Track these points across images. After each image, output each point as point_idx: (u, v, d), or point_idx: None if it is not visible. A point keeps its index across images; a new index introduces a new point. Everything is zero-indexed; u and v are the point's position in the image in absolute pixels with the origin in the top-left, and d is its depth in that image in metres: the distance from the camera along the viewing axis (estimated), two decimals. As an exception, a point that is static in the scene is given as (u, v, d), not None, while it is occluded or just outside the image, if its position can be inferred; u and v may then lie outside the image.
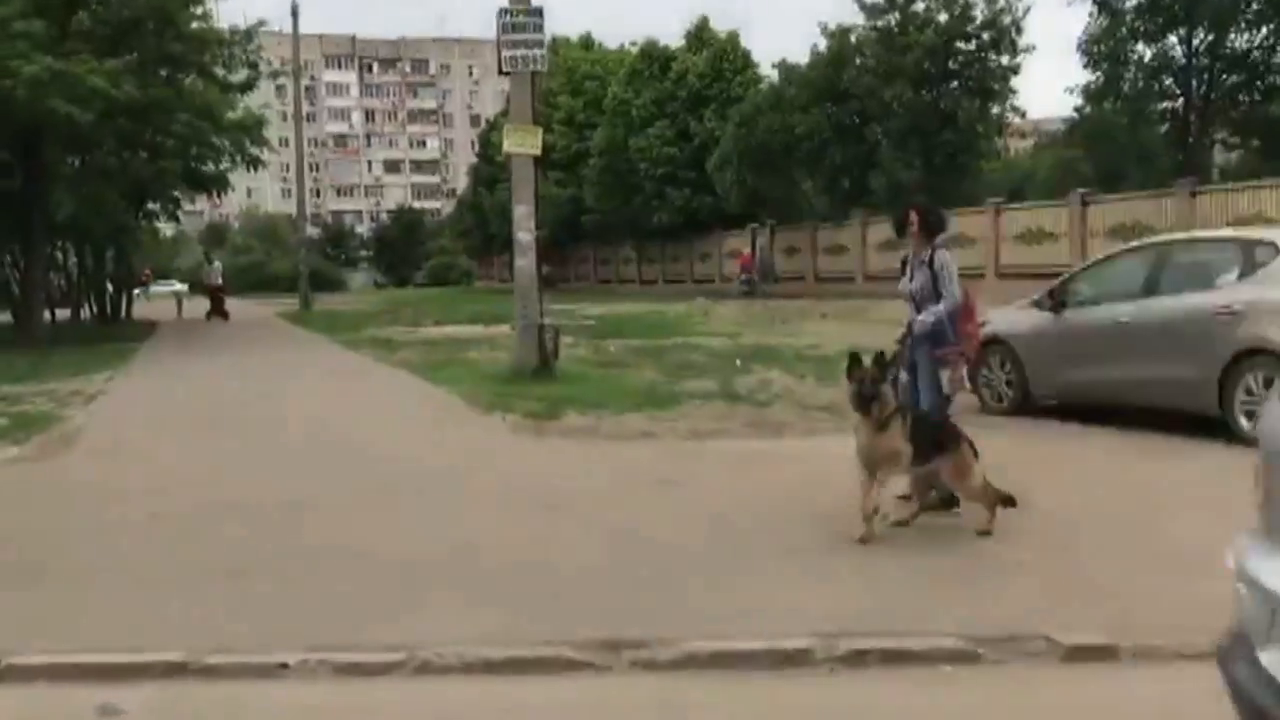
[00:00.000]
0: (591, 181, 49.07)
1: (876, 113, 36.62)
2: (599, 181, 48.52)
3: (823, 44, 38.15)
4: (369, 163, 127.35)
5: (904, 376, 6.92)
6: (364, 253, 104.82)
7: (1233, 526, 3.24)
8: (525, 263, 14.01)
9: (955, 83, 36.06)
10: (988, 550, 6.04)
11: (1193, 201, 25.04)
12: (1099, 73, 29.49)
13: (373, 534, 6.68)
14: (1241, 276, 8.75)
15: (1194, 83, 28.37)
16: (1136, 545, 6.06)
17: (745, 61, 46.29)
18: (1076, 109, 32.60)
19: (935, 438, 6.35)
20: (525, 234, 14.00)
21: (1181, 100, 28.70)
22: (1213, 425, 8.89)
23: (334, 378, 16.39)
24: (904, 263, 7.11)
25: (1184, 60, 28.14)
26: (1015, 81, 35.84)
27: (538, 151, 13.95)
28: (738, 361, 15.71)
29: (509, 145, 13.91)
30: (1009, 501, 6.33)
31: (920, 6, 36.14)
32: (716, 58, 45.80)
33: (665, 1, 60.84)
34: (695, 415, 11.08)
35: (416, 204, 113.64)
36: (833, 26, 37.77)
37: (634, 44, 52.33)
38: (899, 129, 35.57)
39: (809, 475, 7.79)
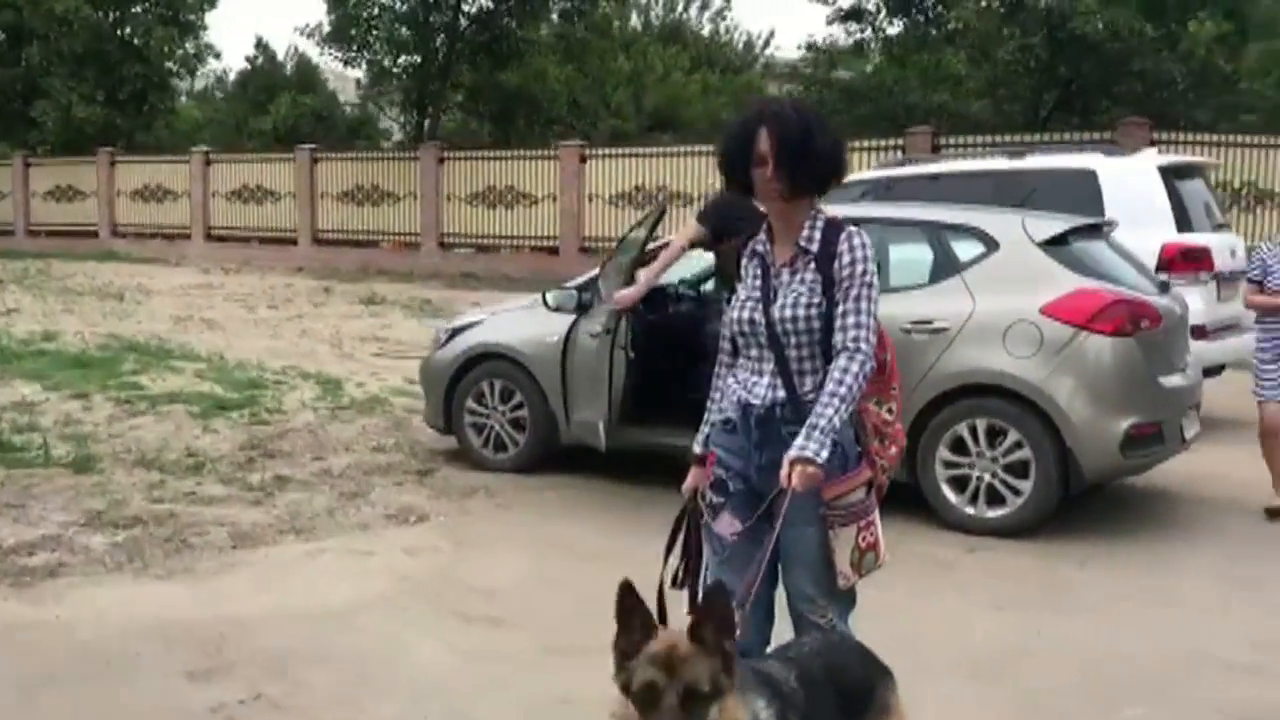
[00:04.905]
0: None
1: (42, 29, 29.52)
2: None
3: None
4: None
5: (728, 532, 2.94)
6: None
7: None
8: None
9: (142, 7, 30.46)
10: None
11: (440, 168, 23.42)
12: (333, 15, 26.18)
13: None
14: (937, 276, 6.00)
15: (433, 41, 26.36)
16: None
17: None
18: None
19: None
20: None
21: (420, 59, 26.54)
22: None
23: None
24: (739, 257, 3.00)
25: (422, 16, 25.88)
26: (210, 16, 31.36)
27: None
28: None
29: None
30: None
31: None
32: None
33: None
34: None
35: None
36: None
37: None
38: (72, 53, 29.06)
39: None
